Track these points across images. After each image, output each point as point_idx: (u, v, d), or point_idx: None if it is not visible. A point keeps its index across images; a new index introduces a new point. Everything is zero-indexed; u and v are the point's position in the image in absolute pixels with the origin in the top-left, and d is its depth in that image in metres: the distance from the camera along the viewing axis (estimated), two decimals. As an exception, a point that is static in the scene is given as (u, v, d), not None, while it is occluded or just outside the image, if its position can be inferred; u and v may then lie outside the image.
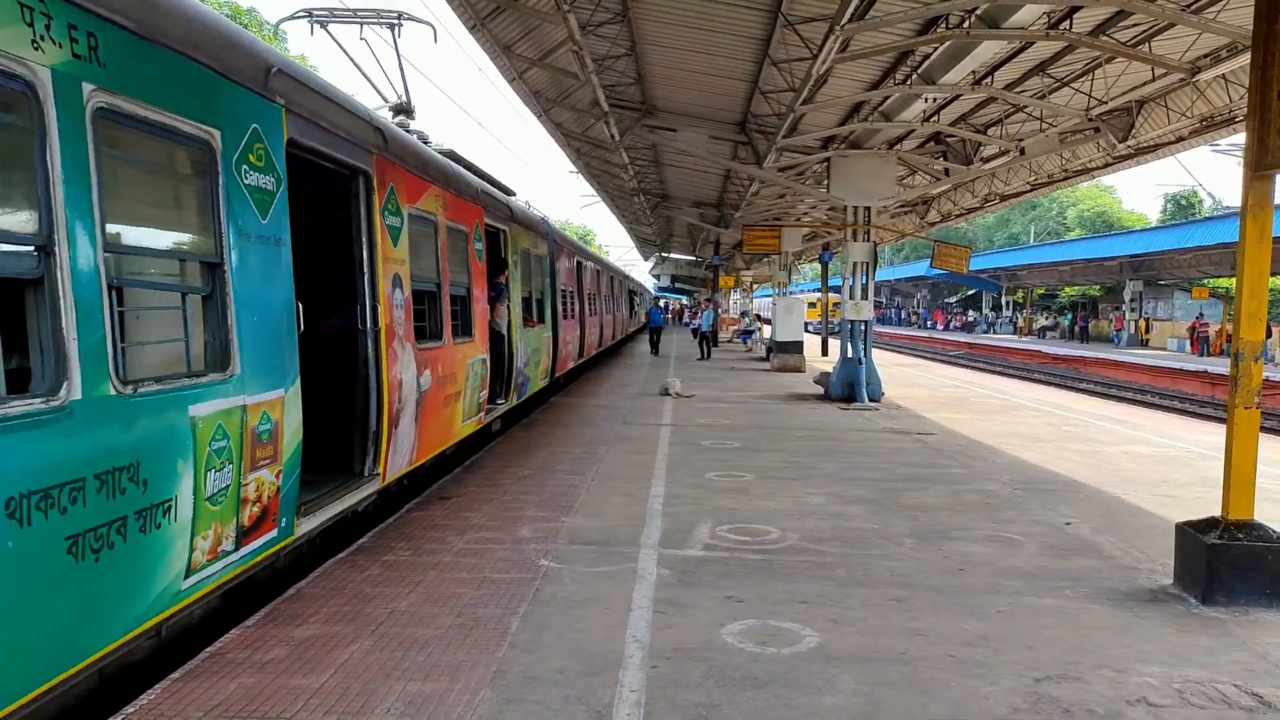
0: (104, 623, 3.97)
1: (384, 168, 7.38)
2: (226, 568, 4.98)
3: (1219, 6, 10.58)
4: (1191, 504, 8.55)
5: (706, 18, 13.54)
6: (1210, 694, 4.52)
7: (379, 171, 7.25)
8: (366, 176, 7.06)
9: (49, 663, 3.65)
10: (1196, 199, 62.22)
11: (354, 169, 6.91)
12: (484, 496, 8.75)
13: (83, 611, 3.82)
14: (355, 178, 6.99)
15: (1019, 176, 22.25)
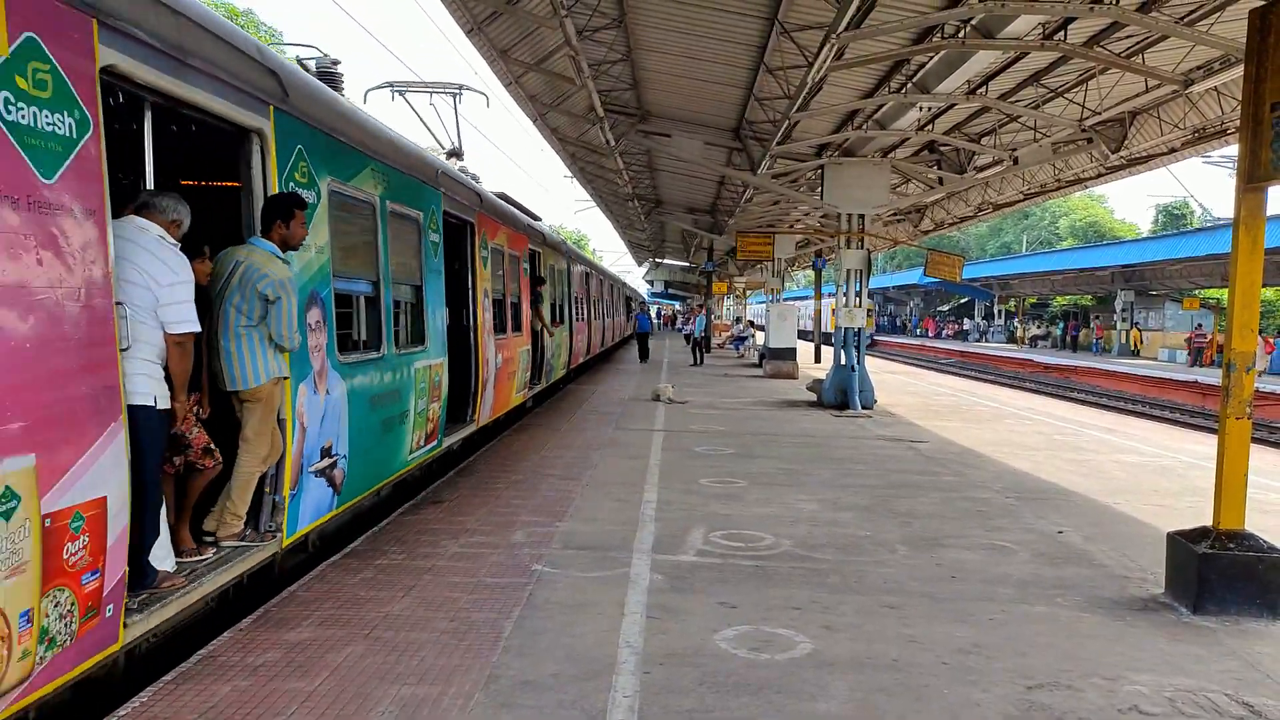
0: (389, 465, 7.96)
1: (481, 220, 11.14)
2: (420, 454, 8.87)
3: (1212, 19, 10.67)
4: (1182, 513, 8.60)
5: (703, 24, 13.59)
6: (1201, 703, 4.54)
7: (479, 223, 10.99)
8: (472, 227, 10.75)
9: (378, 475, 7.70)
10: (1188, 210, 62.60)
11: (466, 222, 10.55)
12: (477, 501, 8.74)
13: (385, 456, 7.81)
14: (465, 228, 10.60)
15: (1012, 186, 22.36)
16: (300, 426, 6.02)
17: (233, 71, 5.21)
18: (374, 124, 7.90)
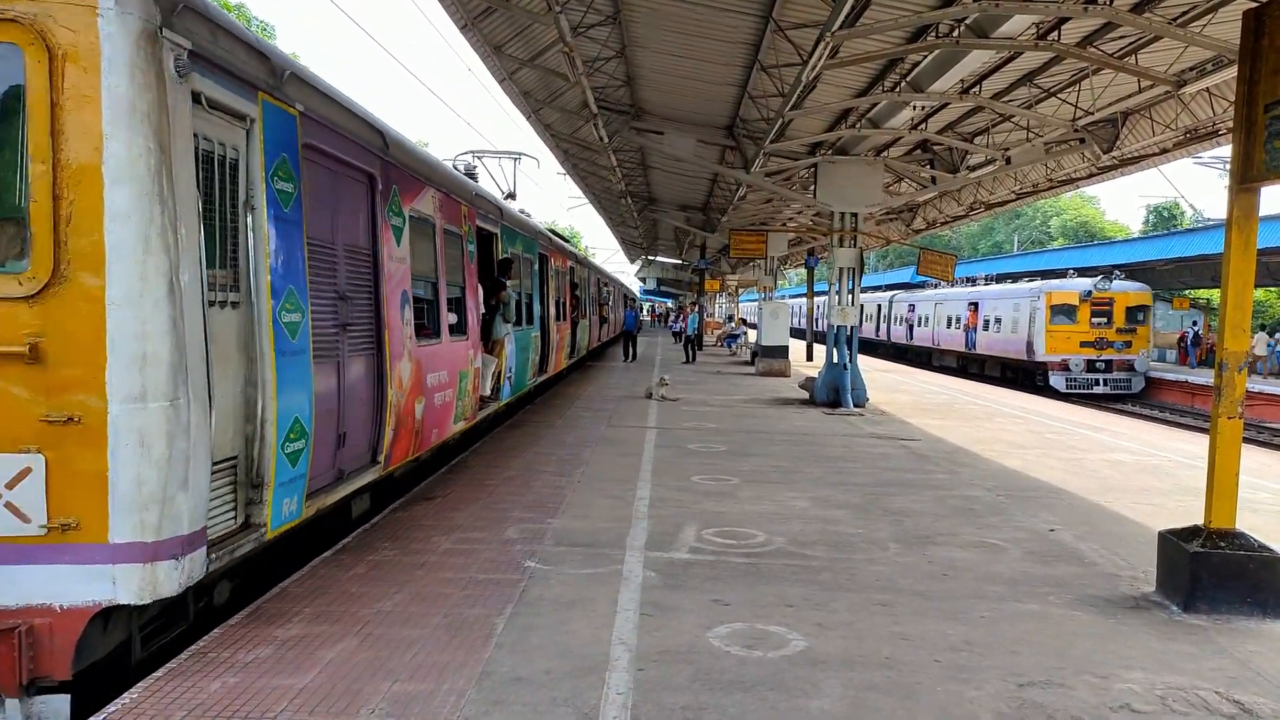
0: (522, 382, 14.22)
1: (548, 251, 17.39)
2: (528, 382, 15.08)
3: (1205, 20, 10.70)
4: (1173, 512, 8.63)
5: (698, 22, 13.57)
6: (1192, 700, 4.56)
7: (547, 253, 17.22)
8: (545, 259, 16.83)
9: (521, 384, 14.21)
10: (1178, 210, 62.85)
11: (544, 256, 16.75)
12: (470, 497, 8.72)
13: (521, 375, 13.96)
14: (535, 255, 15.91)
15: (1004, 185, 22.42)
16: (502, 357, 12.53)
17: (366, 139, 7.17)
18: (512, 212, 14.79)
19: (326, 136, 6.36)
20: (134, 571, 4.25)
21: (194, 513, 4.49)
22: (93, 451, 4.18)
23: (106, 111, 4.16)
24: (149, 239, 4.24)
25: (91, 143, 4.15)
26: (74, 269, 4.16)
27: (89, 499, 4.20)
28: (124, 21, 4.16)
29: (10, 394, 4.14)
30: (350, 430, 6.68)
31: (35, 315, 4.14)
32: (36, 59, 4.09)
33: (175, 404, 4.33)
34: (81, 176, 4.15)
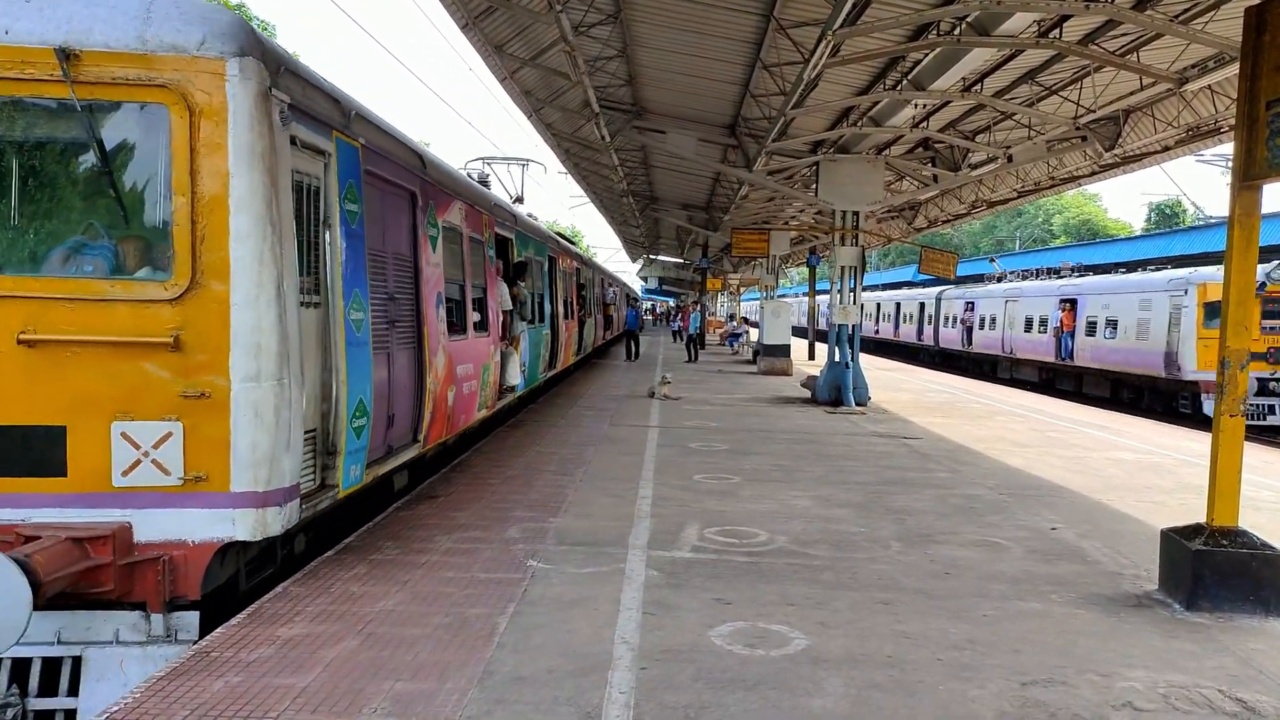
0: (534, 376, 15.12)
1: (556, 253, 18.26)
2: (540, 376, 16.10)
3: (1207, 18, 10.68)
4: (1175, 510, 8.63)
5: (699, 20, 13.56)
6: (1195, 699, 4.55)
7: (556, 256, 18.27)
8: (554, 261, 17.76)
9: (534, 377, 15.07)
10: (1180, 208, 62.75)
11: (553, 258, 17.60)
12: (471, 496, 8.72)
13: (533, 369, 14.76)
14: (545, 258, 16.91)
15: (1006, 183, 22.38)
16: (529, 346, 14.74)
17: (408, 162, 8.32)
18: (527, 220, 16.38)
19: (380, 163, 7.43)
20: (249, 515, 5.33)
21: (292, 471, 5.60)
22: (218, 420, 5.25)
23: (231, 155, 5.21)
24: (262, 254, 5.30)
25: (220, 180, 5.19)
26: (206, 278, 5.20)
27: (215, 457, 5.26)
28: (245, 85, 5.22)
29: (157, 375, 5.18)
30: (397, 412, 7.73)
31: (176, 314, 5.18)
32: (179, 115, 5.15)
33: (281, 383, 5.40)
34: (212, 206, 5.18)
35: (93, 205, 5.26)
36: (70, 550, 4.92)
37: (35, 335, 5.06)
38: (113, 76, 5.11)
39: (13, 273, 5.12)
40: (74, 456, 5.13)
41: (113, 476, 5.17)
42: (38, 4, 5.12)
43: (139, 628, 5.21)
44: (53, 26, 5.07)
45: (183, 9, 5.26)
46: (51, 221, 5.27)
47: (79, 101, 5.06)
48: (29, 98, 5.13)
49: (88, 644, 5.15)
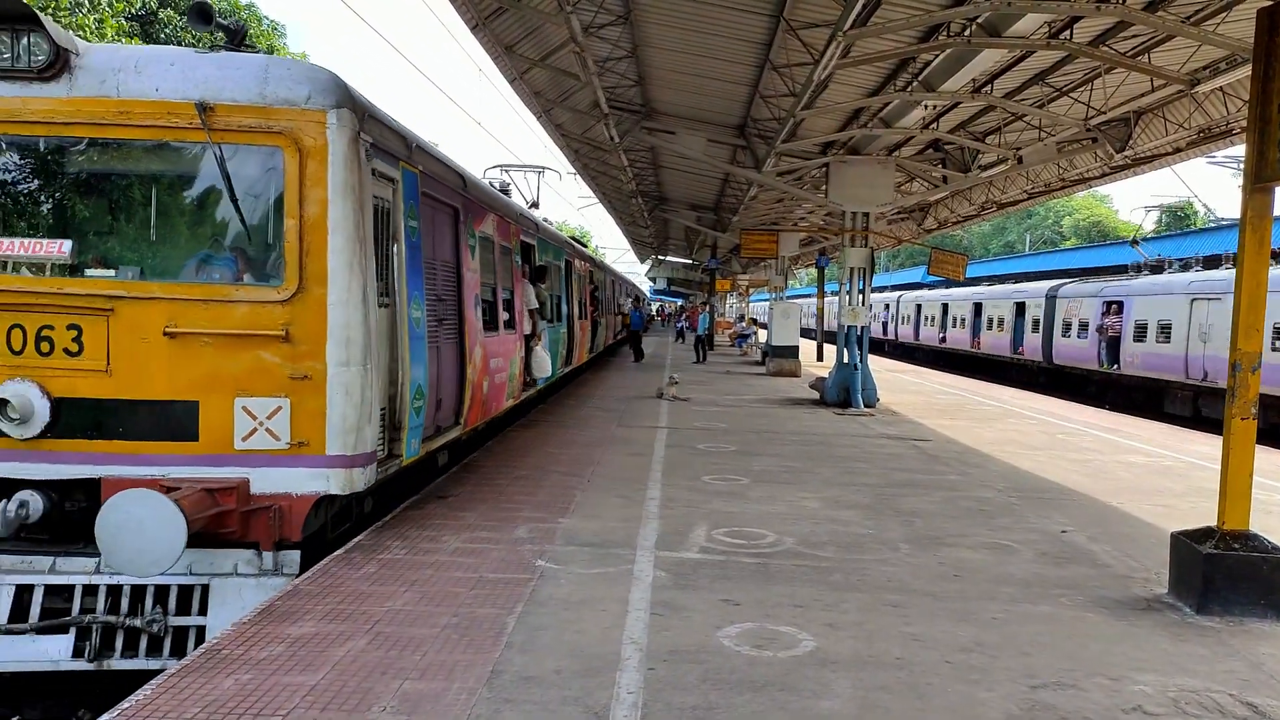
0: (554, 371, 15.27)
1: (571, 257, 19.36)
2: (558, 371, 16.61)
3: (1219, 19, 10.63)
4: (1186, 513, 8.59)
5: (709, 21, 13.57)
6: (1205, 703, 4.54)
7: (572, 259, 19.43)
8: (570, 264, 18.82)
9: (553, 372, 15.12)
10: (1191, 210, 62.46)
11: (569, 262, 18.74)
12: (480, 496, 8.74)
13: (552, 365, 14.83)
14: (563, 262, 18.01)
15: (1016, 185, 22.33)
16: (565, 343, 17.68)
17: (453, 183, 9.45)
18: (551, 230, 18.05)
19: (432, 184, 8.64)
20: (340, 473, 6.46)
21: (372, 440, 6.75)
22: (317, 397, 6.33)
23: (330, 187, 6.36)
24: (351, 265, 6.45)
25: (321, 206, 6.34)
26: (309, 284, 6.31)
27: (314, 426, 6.36)
28: (341, 131, 6.41)
29: (271, 361, 6.28)
30: (444, 397, 8.87)
31: (286, 312, 6.29)
32: (291, 155, 6.31)
33: (365, 368, 6.56)
34: (315, 227, 6.33)
35: (221, 226, 6.53)
36: (205, 498, 6.02)
37: (176, 329, 6.21)
38: (239, 125, 6.28)
39: (158, 279, 6.37)
40: (205, 425, 6.25)
41: (235, 441, 6.28)
42: (180, 68, 6.33)
43: (253, 563, 6.28)
44: (192, 85, 6.26)
45: (293, 71, 6.53)
46: (188, 239, 6.62)
47: (212, 145, 6.20)
48: (173, 141, 6.37)
49: (213, 575, 6.18)
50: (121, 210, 6.63)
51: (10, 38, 6.11)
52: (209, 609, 6.10)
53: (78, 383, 6.16)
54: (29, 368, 6.12)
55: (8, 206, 6.45)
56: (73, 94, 6.23)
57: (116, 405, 6.19)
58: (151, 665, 5.82)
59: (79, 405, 6.17)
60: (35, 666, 5.90)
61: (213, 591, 6.14)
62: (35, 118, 6.23)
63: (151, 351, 6.19)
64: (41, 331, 6.13)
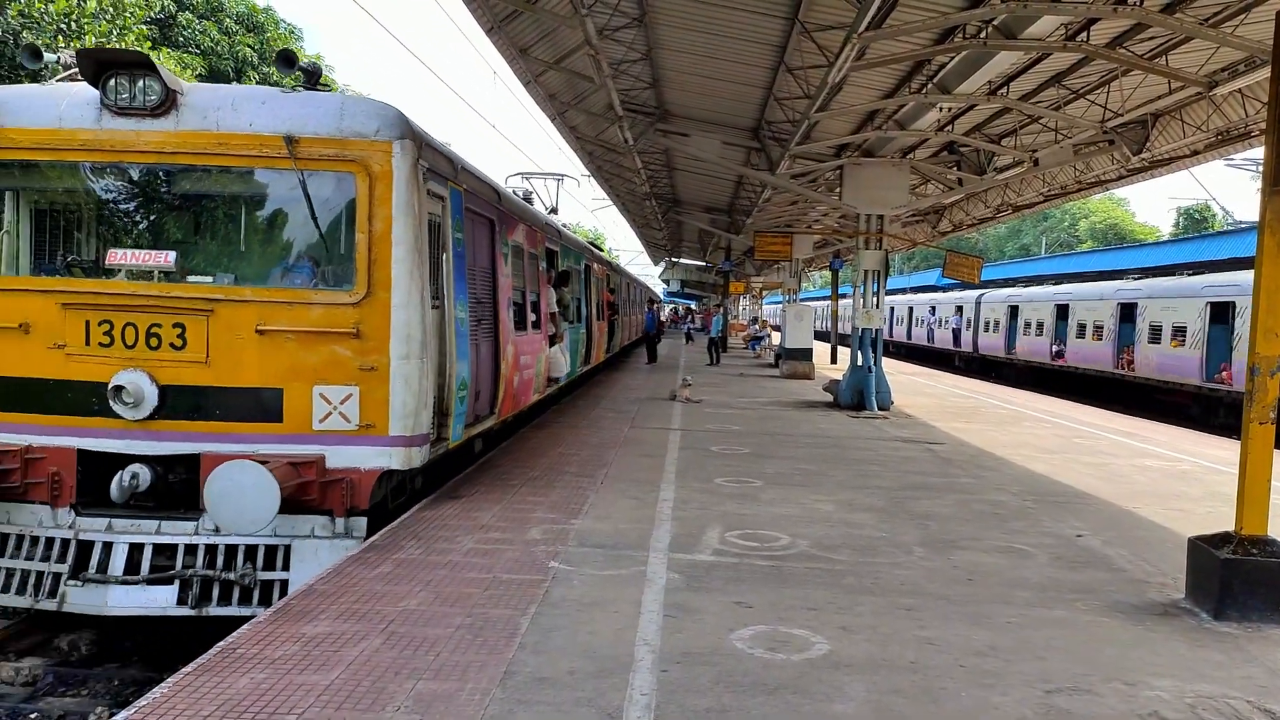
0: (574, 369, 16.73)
1: (590, 261, 20.04)
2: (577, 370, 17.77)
3: (1238, 21, 10.56)
4: (1203, 518, 8.52)
5: (724, 24, 13.56)
6: (1222, 709, 4.50)
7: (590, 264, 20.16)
8: (588, 269, 19.73)
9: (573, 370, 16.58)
10: (1209, 212, 62.03)
11: (588, 266, 19.48)
12: (494, 497, 8.76)
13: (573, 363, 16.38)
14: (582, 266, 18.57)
15: (1032, 187, 22.21)
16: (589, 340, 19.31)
17: (490, 197, 10.53)
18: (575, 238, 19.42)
19: (474, 200, 9.56)
20: (401, 451, 7.39)
21: (426, 423, 7.70)
22: (382, 386, 7.24)
23: (394, 206, 7.28)
24: (411, 272, 7.37)
25: (386, 223, 7.25)
26: (376, 289, 7.22)
27: (379, 411, 7.26)
28: (404, 159, 7.33)
29: (343, 354, 7.19)
30: (481, 390, 9.76)
31: (356, 312, 7.21)
32: (362, 180, 7.23)
33: (421, 361, 7.49)
34: (381, 240, 7.24)
35: (302, 239, 7.53)
36: (290, 471, 6.93)
37: (265, 327, 7.13)
38: (319, 154, 7.21)
39: (250, 285, 7.35)
40: (288, 409, 7.17)
41: (313, 423, 7.20)
42: (270, 106, 7.29)
43: (327, 527, 7.21)
44: (280, 121, 7.20)
45: (364, 107, 7.59)
46: (274, 250, 7.72)
47: (297, 171, 7.11)
48: (263, 168, 7.35)
49: (294, 537, 7.10)
50: (218, 226, 7.76)
51: (129, 80, 7.08)
52: (291, 566, 7.02)
53: (181, 372, 7.10)
54: (140, 359, 7.07)
55: (123, 223, 7.56)
56: (179, 128, 7.19)
57: (214, 392, 7.15)
58: (243, 613, 6.61)
59: (182, 391, 7.11)
60: (147, 611, 6.86)
61: (294, 551, 7.07)
62: (148, 148, 7.19)
63: (244, 346, 7.14)
64: (151, 329, 7.09)
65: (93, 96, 7.18)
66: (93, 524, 7.05)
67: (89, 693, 6.84)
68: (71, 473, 7.10)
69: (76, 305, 7.09)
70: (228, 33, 26.70)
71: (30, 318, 7.12)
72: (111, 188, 7.49)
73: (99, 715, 6.31)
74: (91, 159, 7.31)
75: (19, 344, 7.12)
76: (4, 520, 7.15)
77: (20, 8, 13.19)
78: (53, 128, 7.22)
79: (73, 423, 7.10)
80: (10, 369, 7.15)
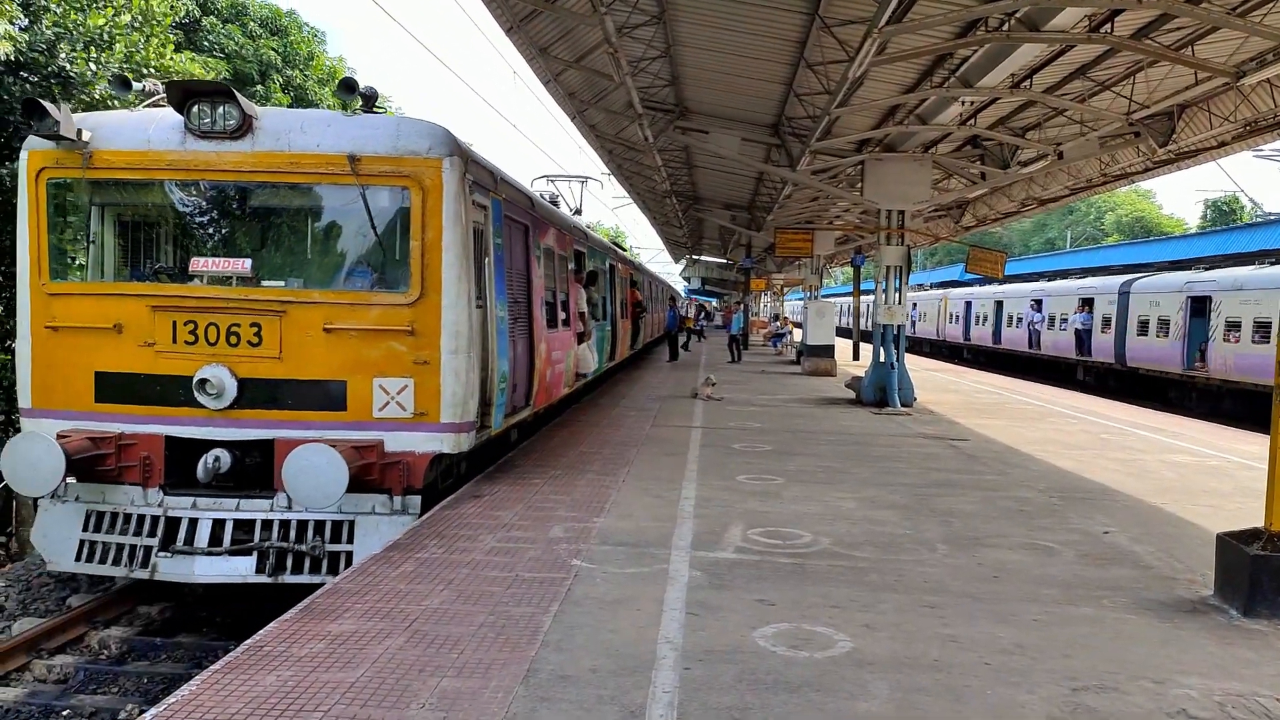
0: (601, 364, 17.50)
1: (615, 261, 21.07)
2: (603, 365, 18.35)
3: (1266, 9, 10.41)
4: (1232, 514, 8.41)
5: (743, 20, 13.53)
6: (1252, 707, 4.44)
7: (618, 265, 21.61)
8: (613, 268, 20.46)
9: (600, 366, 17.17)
10: (1238, 204, 61.17)
11: (612, 266, 20.17)
12: (515, 496, 8.79)
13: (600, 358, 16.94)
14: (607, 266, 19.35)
15: (1057, 181, 21.97)
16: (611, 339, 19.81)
17: (524, 205, 11.21)
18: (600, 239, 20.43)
19: (511, 208, 10.31)
20: (450, 437, 8.20)
21: (473, 412, 8.49)
22: (434, 378, 8.03)
23: (444, 216, 8.03)
24: (459, 276, 8.16)
25: (437, 231, 8.01)
26: (428, 291, 8.00)
27: (431, 401, 8.04)
28: (453, 174, 8.08)
29: (400, 350, 7.98)
30: (518, 383, 10.47)
31: (411, 312, 8.00)
32: (416, 193, 7.98)
33: (469, 356, 8.29)
34: (433, 246, 8.00)
35: (363, 246, 8.31)
36: (355, 453, 7.64)
37: (332, 326, 7.91)
38: (378, 171, 7.95)
39: (318, 288, 8.19)
40: (351, 399, 7.94)
41: (373, 411, 7.95)
42: (334, 128, 8.05)
43: (386, 505, 7.99)
44: (344, 141, 7.94)
45: (417, 128, 8.26)
46: (338, 256, 8.55)
47: (359, 186, 7.88)
48: (328, 184, 8.10)
49: (357, 514, 7.87)
50: (289, 235, 8.62)
51: (210, 107, 7.89)
52: (355, 539, 7.80)
53: (258, 366, 7.88)
54: (221, 355, 7.85)
55: (204, 233, 8.40)
56: (255, 149, 7.97)
57: (286, 384, 7.91)
58: (314, 580, 7.39)
59: (258, 384, 7.89)
60: (229, 579, 7.68)
61: (357, 525, 7.86)
62: (227, 167, 7.98)
63: (313, 343, 7.90)
64: (231, 328, 7.87)
65: (177, 121, 7.97)
66: (179, 502, 7.85)
67: (119, 690, 6.96)
68: (160, 457, 7.93)
69: (165, 307, 7.90)
70: (252, 36, 26.90)
71: (123, 319, 7.93)
72: (194, 202, 8.34)
73: (129, 713, 6.41)
74: (177, 177, 8.11)
75: (113, 342, 7.94)
76: (100, 500, 7.95)
77: (55, 18, 13.34)
78: (142, 149, 8.01)
79: (161, 412, 7.92)
80: (106, 365, 7.97)
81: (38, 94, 13.03)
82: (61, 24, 13.34)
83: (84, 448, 7.67)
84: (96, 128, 8.07)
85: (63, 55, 13.04)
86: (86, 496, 7.97)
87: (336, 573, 7.26)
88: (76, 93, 13.20)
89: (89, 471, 7.76)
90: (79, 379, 8.00)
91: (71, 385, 8.01)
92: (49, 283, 8.15)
